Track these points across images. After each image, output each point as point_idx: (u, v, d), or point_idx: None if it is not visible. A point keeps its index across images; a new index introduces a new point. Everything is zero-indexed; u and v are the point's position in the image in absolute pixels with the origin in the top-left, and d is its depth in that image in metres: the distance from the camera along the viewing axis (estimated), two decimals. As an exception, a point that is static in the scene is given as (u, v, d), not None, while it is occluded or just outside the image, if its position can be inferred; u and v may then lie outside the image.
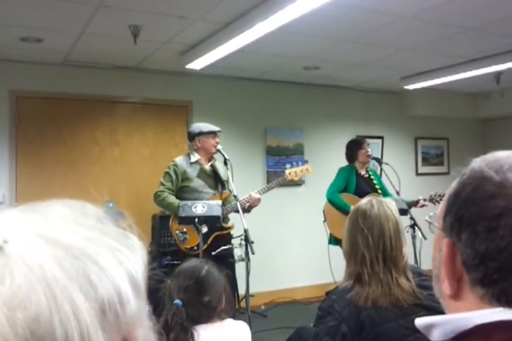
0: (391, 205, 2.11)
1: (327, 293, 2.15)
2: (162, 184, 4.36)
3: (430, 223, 0.87)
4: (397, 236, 2.03)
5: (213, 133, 4.40)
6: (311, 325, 2.48)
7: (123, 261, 0.47)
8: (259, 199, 4.35)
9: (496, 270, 0.72)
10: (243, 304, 4.34)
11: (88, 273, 0.43)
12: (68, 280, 0.41)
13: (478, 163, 0.79)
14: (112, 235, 0.49)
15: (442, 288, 0.79)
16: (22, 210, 0.48)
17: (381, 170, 5.30)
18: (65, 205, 0.51)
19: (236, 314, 4.07)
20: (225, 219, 4.37)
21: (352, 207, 2.22)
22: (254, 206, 4.37)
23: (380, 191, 5.11)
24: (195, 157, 4.44)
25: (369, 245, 2.01)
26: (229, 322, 2.05)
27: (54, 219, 0.47)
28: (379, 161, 5.32)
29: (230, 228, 4.47)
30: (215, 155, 4.51)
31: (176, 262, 4.47)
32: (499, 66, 5.33)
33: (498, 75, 5.84)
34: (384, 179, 5.25)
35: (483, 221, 0.72)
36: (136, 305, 0.46)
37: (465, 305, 0.76)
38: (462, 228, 0.75)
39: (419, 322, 0.80)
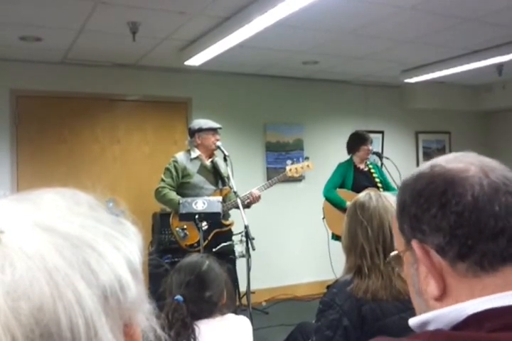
0: (389, 198, 2.10)
1: (328, 287, 2.14)
2: (163, 180, 4.36)
3: (392, 260, 0.93)
4: None
5: (213, 130, 4.39)
6: (313, 321, 2.48)
7: (120, 248, 0.47)
8: (259, 197, 4.36)
9: (467, 236, 0.76)
10: (244, 301, 4.34)
11: (88, 261, 0.43)
12: (69, 269, 0.41)
13: (406, 178, 0.88)
14: (107, 222, 0.49)
15: (429, 292, 0.81)
16: (14, 200, 0.48)
17: (382, 164, 5.27)
18: (56, 193, 0.51)
19: (237, 311, 4.07)
20: (226, 215, 4.36)
21: (349, 202, 2.21)
22: (255, 203, 4.38)
23: (380, 184, 5.07)
24: (195, 153, 4.43)
25: (369, 237, 2.00)
26: (230, 317, 2.04)
27: (48, 207, 0.47)
28: (379, 156, 5.29)
29: (230, 225, 4.46)
30: (215, 152, 4.50)
31: (176, 260, 4.46)
32: (501, 57, 5.28)
33: (499, 67, 5.78)
34: (385, 174, 5.23)
35: (434, 203, 0.79)
36: (136, 291, 0.47)
37: (453, 298, 0.78)
38: (420, 221, 0.81)
39: (413, 321, 0.83)
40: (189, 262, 2.05)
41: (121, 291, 0.45)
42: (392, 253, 0.93)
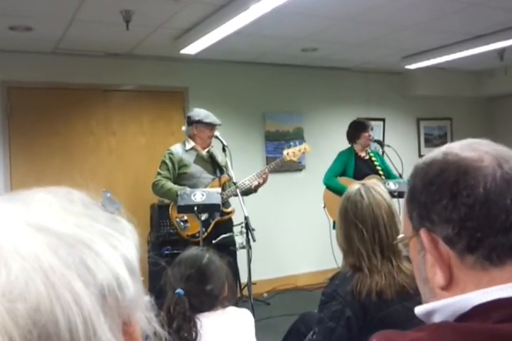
0: (379, 188, 2.07)
1: (331, 279, 2.12)
2: (159, 173, 4.38)
3: (400, 241, 0.92)
4: (391, 221, 1.99)
5: (212, 126, 4.36)
6: (316, 310, 2.46)
7: (117, 246, 0.47)
8: (267, 176, 4.36)
9: (477, 228, 0.75)
10: (245, 292, 4.32)
11: (85, 260, 0.43)
12: (65, 268, 0.41)
13: (418, 163, 0.87)
14: (102, 220, 0.49)
15: (435, 282, 0.81)
16: (5, 200, 0.48)
17: (383, 152, 5.24)
18: (49, 193, 0.50)
19: (239, 302, 4.05)
20: (226, 203, 4.37)
21: (342, 196, 2.15)
22: (263, 184, 4.35)
23: (381, 172, 5.06)
24: (190, 144, 4.45)
25: (364, 240, 1.97)
26: (232, 310, 2.03)
27: (40, 207, 0.47)
28: (381, 144, 5.27)
29: (230, 213, 4.44)
30: (212, 143, 4.50)
31: (176, 251, 4.45)
32: (503, 42, 5.26)
33: (501, 52, 5.76)
34: (386, 162, 5.19)
35: (445, 193, 0.78)
36: (134, 289, 0.47)
37: (459, 289, 0.78)
38: (430, 210, 0.80)
39: (419, 310, 0.83)
40: (189, 255, 2.03)
41: (119, 290, 0.45)
42: (400, 237, 0.93)
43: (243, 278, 4.50)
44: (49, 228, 0.44)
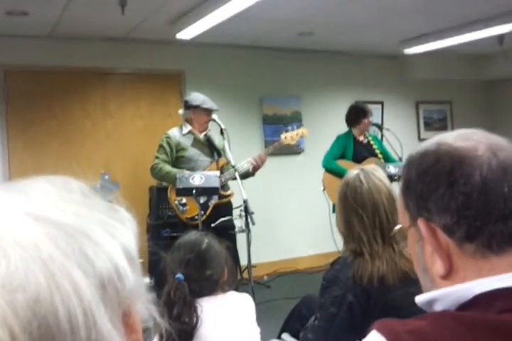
0: (378, 173, 2.04)
1: (332, 264, 2.11)
2: (157, 157, 4.40)
3: (397, 234, 0.93)
4: (392, 206, 1.97)
5: (209, 111, 4.38)
6: (317, 293, 2.47)
7: (116, 235, 0.47)
8: (265, 160, 4.34)
9: (476, 217, 0.76)
10: (246, 275, 4.34)
11: (84, 250, 0.42)
12: (65, 258, 0.41)
13: (410, 154, 0.87)
14: (100, 209, 0.49)
15: (434, 271, 0.81)
16: (3, 189, 0.47)
17: (382, 136, 5.22)
18: (47, 182, 0.50)
19: (239, 285, 4.08)
20: (225, 186, 4.38)
21: (341, 182, 2.13)
22: (260, 167, 4.35)
23: (380, 156, 5.06)
24: (187, 128, 4.47)
25: (365, 225, 1.95)
26: (232, 294, 2.03)
27: (39, 196, 0.46)
28: (380, 127, 5.25)
29: (229, 195, 4.45)
30: (209, 126, 4.51)
31: (175, 234, 4.47)
32: (502, 27, 5.21)
33: (501, 37, 5.72)
34: (385, 145, 5.19)
35: (442, 182, 0.78)
36: (134, 279, 0.46)
37: (460, 278, 0.78)
38: (427, 200, 0.80)
39: (420, 299, 0.84)
40: (188, 240, 2.01)
41: (119, 279, 0.44)
42: (397, 227, 0.93)
43: (243, 261, 4.51)
44: (48, 217, 0.43)
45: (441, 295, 0.78)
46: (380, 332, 0.74)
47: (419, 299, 0.84)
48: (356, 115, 5.07)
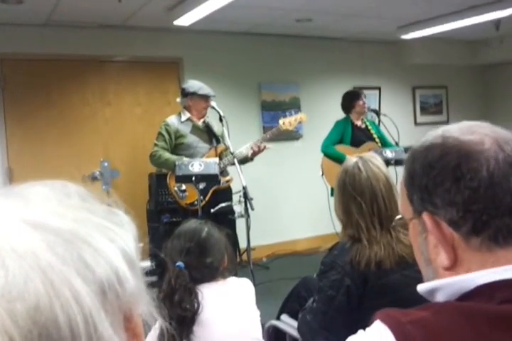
0: (376, 161, 2.06)
1: (330, 250, 2.15)
2: (156, 144, 4.41)
3: (398, 224, 0.92)
4: (389, 194, 2.00)
5: (207, 97, 4.38)
6: (315, 275, 2.51)
7: (115, 239, 0.46)
8: (264, 147, 4.34)
9: (483, 211, 0.76)
10: (245, 257, 4.38)
11: (83, 256, 0.42)
12: (64, 265, 0.40)
13: (415, 145, 0.86)
14: (99, 213, 0.48)
15: (438, 262, 0.81)
16: (1, 195, 0.47)
17: (379, 121, 5.25)
18: (45, 186, 0.49)
19: (239, 267, 4.12)
20: (224, 172, 4.39)
21: (349, 156, 2.16)
22: (259, 153, 4.36)
23: (378, 140, 5.12)
24: (185, 115, 4.47)
25: (363, 212, 1.98)
26: (232, 280, 2.06)
27: (37, 202, 0.46)
28: (377, 113, 5.27)
29: (228, 181, 4.48)
30: (208, 113, 4.52)
31: (175, 219, 4.52)
32: (498, 13, 5.18)
33: (497, 22, 5.70)
34: (383, 130, 5.22)
35: (448, 176, 0.78)
36: (135, 282, 0.46)
37: (464, 270, 0.78)
38: (432, 194, 0.80)
39: (421, 288, 0.83)
40: (188, 229, 2.02)
41: (119, 284, 0.44)
42: (398, 218, 0.93)
43: (242, 244, 4.55)
44: (46, 224, 0.43)
45: (444, 284, 0.79)
46: (383, 322, 0.74)
47: (420, 288, 0.84)
48: (349, 100, 5.13)
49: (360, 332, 0.79)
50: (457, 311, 0.72)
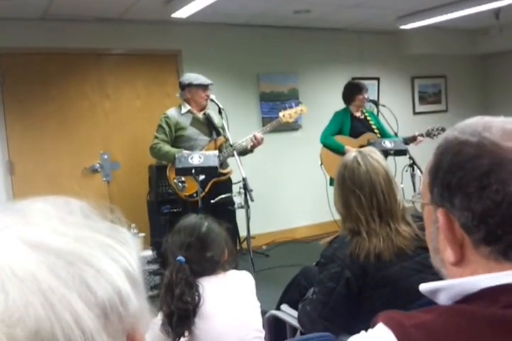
0: (376, 155, 2.08)
1: (330, 242, 2.17)
2: (156, 137, 4.41)
3: (414, 202, 0.91)
4: (388, 187, 2.02)
5: (204, 86, 4.38)
6: (313, 263, 2.55)
7: (117, 259, 0.46)
8: (262, 139, 4.35)
9: (498, 225, 0.73)
10: (245, 245, 4.41)
11: (85, 278, 0.41)
12: (65, 288, 0.40)
13: (450, 132, 0.81)
14: (102, 230, 0.48)
15: (445, 256, 0.80)
16: (2, 211, 0.46)
17: (378, 112, 5.26)
18: (47, 203, 0.49)
19: (238, 255, 4.15)
20: (223, 164, 4.40)
21: (347, 147, 2.18)
22: (258, 146, 4.37)
23: (377, 131, 5.14)
24: (185, 108, 4.47)
25: (362, 206, 2.00)
26: (232, 273, 2.07)
27: (38, 220, 0.45)
28: (376, 103, 5.27)
29: (228, 173, 4.50)
30: (208, 105, 4.51)
31: (175, 210, 4.56)
32: (498, 2, 5.16)
33: (497, 11, 5.67)
34: (381, 121, 5.23)
35: (473, 181, 0.74)
36: (137, 301, 0.46)
37: (470, 270, 0.77)
38: (453, 194, 0.77)
39: (424, 287, 0.82)
40: (188, 224, 2.04)
41: (122, 305, 0.44)
42: (417, 195, 0.91)
43: (242, 232, 4.56)
44: (46, 244, 0.42)
45: (447, 285, 0.77)
46: (387, 326, 0.73)
47: (423, 287, 0.82)
48: (351, 92, 5.13)
49: (363, 333, 0.78)
50: (461, 315, 0.71)
